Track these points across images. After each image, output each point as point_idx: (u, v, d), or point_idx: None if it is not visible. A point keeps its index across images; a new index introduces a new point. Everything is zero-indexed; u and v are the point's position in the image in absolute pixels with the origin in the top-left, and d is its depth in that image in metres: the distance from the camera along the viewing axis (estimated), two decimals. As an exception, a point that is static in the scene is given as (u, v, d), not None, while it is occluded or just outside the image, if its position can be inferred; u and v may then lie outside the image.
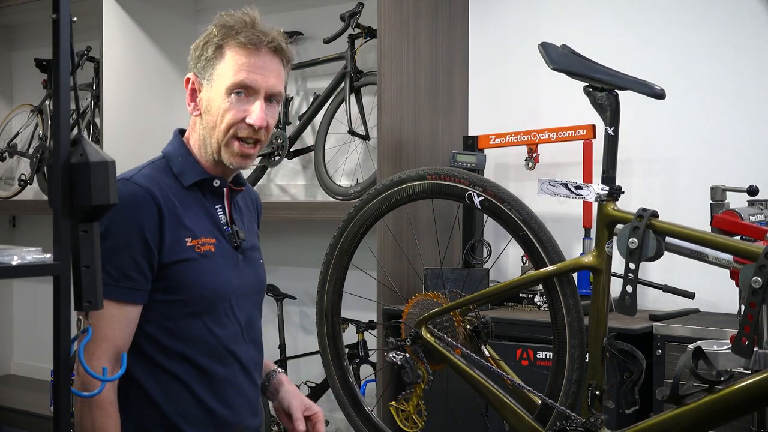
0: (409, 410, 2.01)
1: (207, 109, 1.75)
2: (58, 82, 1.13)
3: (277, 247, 3.86)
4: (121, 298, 1.65)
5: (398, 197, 2.06)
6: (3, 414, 4.24)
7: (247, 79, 1.72)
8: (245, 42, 1.72)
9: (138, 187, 1.68)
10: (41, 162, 4.39)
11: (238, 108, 1.73)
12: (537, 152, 3.13)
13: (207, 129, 1.76)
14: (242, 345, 1.80)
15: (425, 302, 2.03)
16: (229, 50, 1.73)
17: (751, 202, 2.26)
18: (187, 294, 1.71)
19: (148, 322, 1.70)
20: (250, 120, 1.73)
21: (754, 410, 1.85)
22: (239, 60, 1.72)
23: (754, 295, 1.58)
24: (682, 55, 3.09)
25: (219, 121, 1.73)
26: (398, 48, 3.19)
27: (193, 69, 1.79)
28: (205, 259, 1.73)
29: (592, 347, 1.80)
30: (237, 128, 1.73)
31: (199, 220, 1.75)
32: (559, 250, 1.86)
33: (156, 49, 4.04)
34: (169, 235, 1.68)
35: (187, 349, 1.72)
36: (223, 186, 1.80)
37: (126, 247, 1.65)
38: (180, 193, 1.75)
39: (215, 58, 1.74)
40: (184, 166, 1.77)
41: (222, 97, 1.73)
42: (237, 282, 1.79)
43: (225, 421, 1.76)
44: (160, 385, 1.71)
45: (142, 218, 1.66)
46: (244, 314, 1.81)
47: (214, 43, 1.75)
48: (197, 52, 1.78)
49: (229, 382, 1.77)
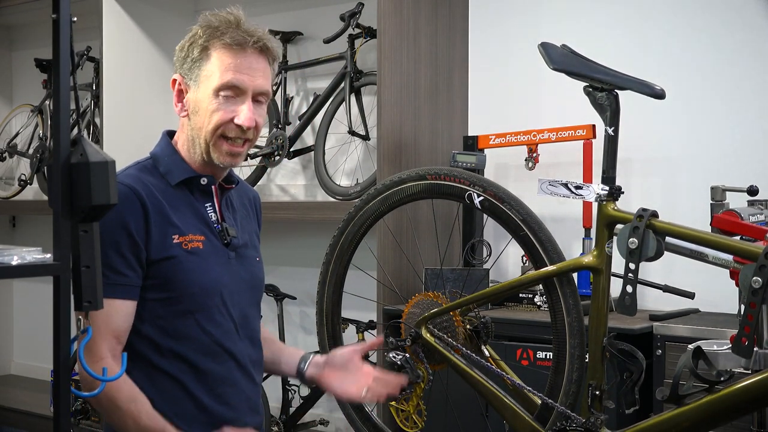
0: (409, 410, 2.01)
1: (194, 110, 1.76)
2: (58, 82, 1.12)
3: (277, 247, 3.86)
4: (114, 295, 1.66)
5: (398, 197, 2.06)
6: (3, 414, 4.24)
7: (234, 79, 1.72)
8: (231, 42, 1.72)
9: (122, 185, 1.69)
10: (41, 162, 4.38)
11: (225, 109, 1.73)
12: (537, 152, 3.13)
13: (195, 130, 1.76)
14: (237, 342, 1.80)
15: (425, 302, 2.03)
16: (214, 51, 1.73)
17: (751, 202, 2.26)
18: (176, 291, 1.71)
19: (141, 321, 1.71)
20: (238, 120, 1.73)
21: (754, 410, 1.85)
22: (225, 60, 1.72)
23: (754, 295, 1.58)
24: (682, 55, 3.09)
25: (207, 122, 1.74)
26: (398, 48, 3.19)
27: (179, 70, 1.79)
28: (192, 255, 1.73)
29: (592, 347, 1.80)
30: (225, 129, 1.74)
31: (186, 218, 1.76)
32: (559, 250, 1.86)
33: (156, 49, 4.04)
34: (155, 232, 1.70)
35: (180, 347, 1.72)
36: (211, 184, 1.81)
37: (113, 244, 1.66)
38: (167, 192, 1.76)
39: (201, 59, 1.74)
40: (171, 165, 1.79)
41: (209, 98, 1.73)
42: (228, 279, 1.79)
43: (222, 419, 1.76)
44: (155, 385, 1.72)
45: (126, 216, 1.67)
46: (238, 311, 1.81)
47: (199, 44, 1.75)
48: (183, 53, 1.78)
49: (224, 380, 1.77)
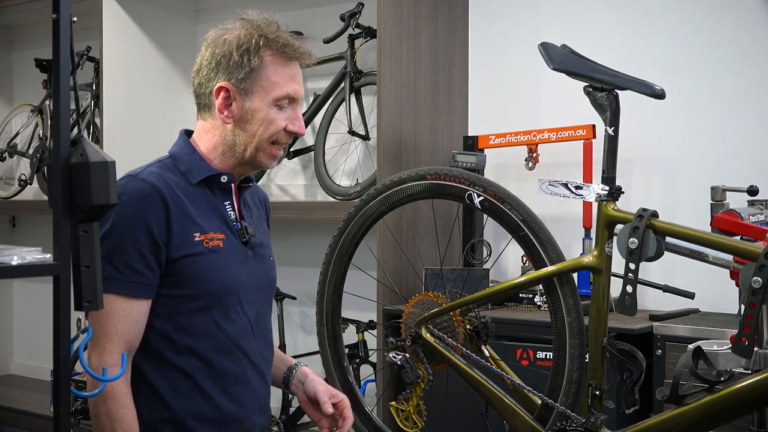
0: (409, 410, 2.01)
1: (245, 118, 1.78)
2: (58, 82, 1.12)
3: (277, 247, 3.82)
4: (129, 292, 1.67)
5: (398, 197, 2.06)
6: (3, 414, 4.24)
7: (291, 91, 1.80)
8: (290, 54, 1.78)
9: (145, 183, 1.70)
10: (41, 162, 4.38)
11: (281, 117, 1.79)
12: (537, 152, 3.13)
13: (245, 136, 1.78)
14: (252, 341, 1.81)
15: (425, 302, 2.04)
16: (270, 60, 1.77)
17: (751, 202, 2.26)
18: (195, 288, 1.72)
19: (157, 317, 1.72)
20: (292, 128, 1.81)
21: (754, 410, 1.85)
22: (282, 71, 1.78)
23: (754, 295, 1.58)
24: (682, 55, 3.09)
25: (263, 130, 1.78)
26: (398, 48, 3.19)
27: (229, 78, 1.77)
28: (213, 253, 1.74)
29: (592, 347, 1.80)
30: (278, 135, 1.80)
31: (207, 216, 1.77)
32: (559, 250, 1.86)
33: (156, 49, 4.03)
34: (176, 231, 1.71)
35: (195, 343, 1.73)
36: (230, 182, 1.82)
37: (133, 242, 1.67)
38: (188, 190, 1.77)
39: (256, 68, 1.77)
40: (191, 163, 1.80)
41: (268, 107, 1.77)
42: (246, 277, 1.80)
43: (232, 417, 1.77)
44: (168, 381, 1.72)
45: (148, 214, 1.68)
46: (253, 310, 1.82)
47: (253, 52, 1.76)
48: (232, 60, 1.76)
49: (237, 378, 1.78)
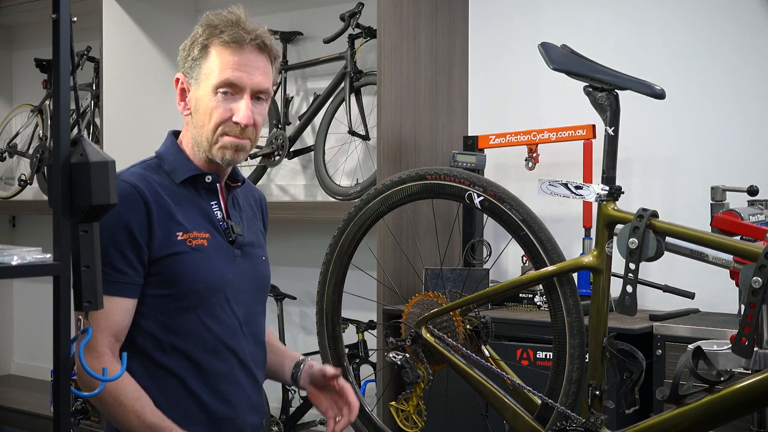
0: (409, 410, 2.01)
1: (196, 108, 1.78)
2: (58, 82, 1.13)
3: (277, 247, 3.85)
4: (113, 292, 1.66)
5: (398, 197, 2.06)
6: (3, 414, 4.24)
7: (232, 77, 1.74)
8: (229, 40, 1.74)
9: (125, 184, 1.70)
10: (41, 162, 4.38)
11: (224, 106, 1.75)
12: (537, 152, 3.13)
13: (197, 128, 1.78)
14: (241, 340, 1.80)
15: (425, 302, 2.03)
16: (214, 49, 1.76)
17: (751, 202, 2.26)
18: (180, 287, 1.72)
19: (143, 317, 1.72)
20: (236, 118, 1.74)
21: (754, 410, 1.85)
22: (224, 58, 1.75)
23: (754, 295, 1.58)
24: (682, 55, 3.09)
25: (207, 120, 1.76)
26: (398, 48, 3.19)
27: (182, 69, 1.82)
28: (196, 252, 1.74)
29: (592, 347, 1.80)
30: (225, 127, 1.76)
31: (191, 216, 1.77)
32: (559, 250, 1.86)
33: (156, 49, 4.04)
34: (159, 230, 1.71)
35: (182, 343, 1.73)
36: (216, 182, 1.82)
37: (113, 242, 1.67)
38: (172, 190, 1.77)
39: (201, 58, 1.77)
40: (175, 163, 1.80)
41: (209, 96, 1.75)
42: (233, 276, 1.79)
43: (222, 416, 1.76)
44: (155, 382, 1.72)
45: (128, 214, 1.68)
46: (242, 309, 1.81)
47: (199, 42, 1.77)
48: (184, 52, 1.81)
49: (226, 377, 1.77)
